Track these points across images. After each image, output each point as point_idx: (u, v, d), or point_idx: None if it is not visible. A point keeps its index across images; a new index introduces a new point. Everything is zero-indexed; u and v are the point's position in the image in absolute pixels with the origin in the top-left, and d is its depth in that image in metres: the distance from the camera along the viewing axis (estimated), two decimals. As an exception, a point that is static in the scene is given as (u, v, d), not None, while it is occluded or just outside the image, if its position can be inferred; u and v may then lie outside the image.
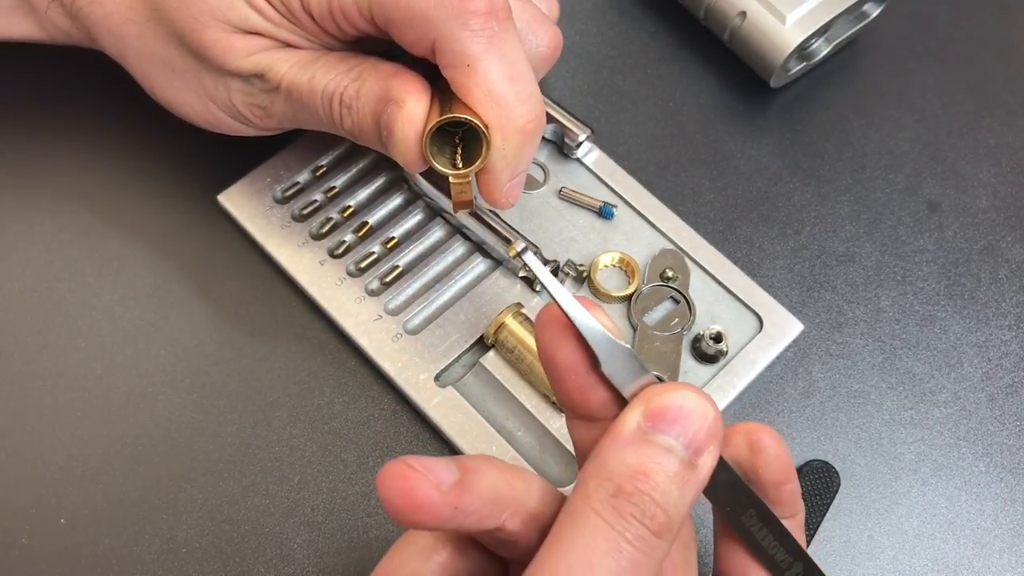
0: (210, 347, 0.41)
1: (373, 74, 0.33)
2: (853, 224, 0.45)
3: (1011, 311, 0.44)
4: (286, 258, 0.42)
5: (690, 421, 0.26)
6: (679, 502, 0.25)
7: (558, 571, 0.24)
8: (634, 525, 0.24)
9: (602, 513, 0.25)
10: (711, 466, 0.26)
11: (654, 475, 0.25)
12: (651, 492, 0.25)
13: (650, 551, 0.25)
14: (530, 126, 0.33)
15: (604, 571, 0.24)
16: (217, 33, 0.34)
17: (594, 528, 0.24)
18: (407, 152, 0.33)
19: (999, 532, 0.39)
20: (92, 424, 0.39)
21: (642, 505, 0.25)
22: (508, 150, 0.33)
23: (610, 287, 0.42)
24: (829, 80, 0.49)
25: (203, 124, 0.38)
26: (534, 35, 0.36)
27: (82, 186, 0.44)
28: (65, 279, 0.42)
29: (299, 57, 0.35)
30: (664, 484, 0.25)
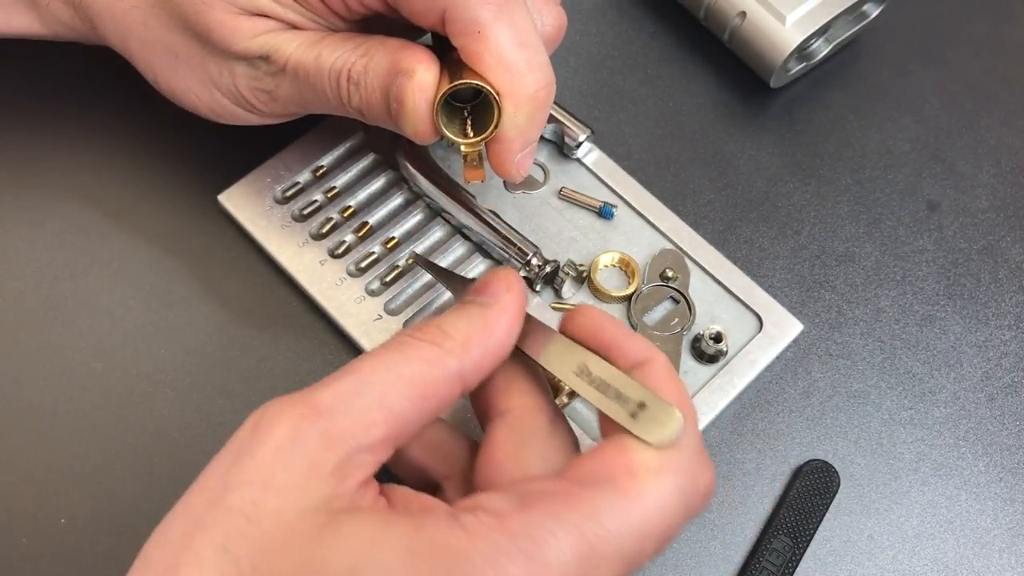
0: (210, 347, 0.41)
1: (381, 49, 0.33)
2: (853, 224, 0.45)
3: (1011, 311, 0.44)
4: (286, 258, 0.42)
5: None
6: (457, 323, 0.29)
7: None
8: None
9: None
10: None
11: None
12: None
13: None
14: (541, 93, 0.33)
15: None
16: (222, 15, 0.34)
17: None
18: (419, 121, 0.33)
19: (999, 532, 0.39)
20: (92, 424, 0.39)
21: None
22: (520, 118, 0.32)
23: (610, 287, 0.42)
24: (829, 80, 0.49)
25: (207, 113, 0.38)
26: (539, 15, 0.36)
27: (82, 186, 0.44)
28: (65, 279, 0.42)
29: (305, 37, 0.34)
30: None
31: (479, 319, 0.29)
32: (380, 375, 0.27)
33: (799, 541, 0.38)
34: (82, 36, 0.39)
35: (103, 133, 0.45)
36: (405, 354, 0.28)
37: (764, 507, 0.39)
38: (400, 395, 0.27)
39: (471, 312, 0.29)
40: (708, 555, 0.38)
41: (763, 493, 0.39)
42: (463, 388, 0.29)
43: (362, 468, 0.26)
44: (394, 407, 0.27)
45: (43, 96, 0.46)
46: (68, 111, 0.46)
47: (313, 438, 0.26)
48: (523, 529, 0.25)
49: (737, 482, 0.40)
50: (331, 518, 0.25)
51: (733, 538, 0.39)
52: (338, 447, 0.26)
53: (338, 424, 0.26)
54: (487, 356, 0.29)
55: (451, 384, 0.28)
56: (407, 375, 0.27)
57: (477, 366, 0.29)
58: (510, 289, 0.30)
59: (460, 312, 0.30)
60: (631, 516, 0.25)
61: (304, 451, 0.26)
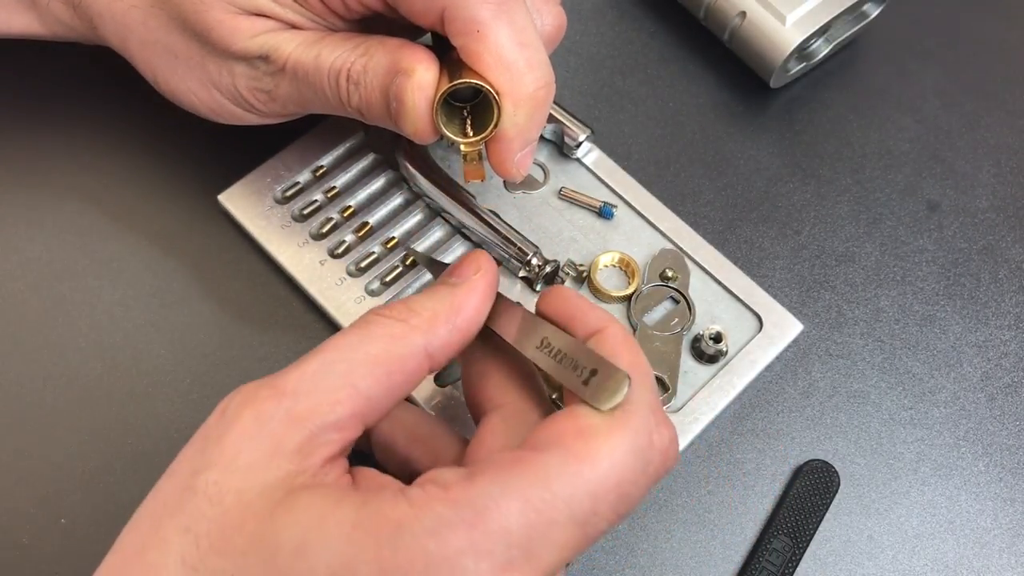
0: (210, 347, 0.41)
1: (380, 48, 0.33)
2: (853, 224, 0.45)
3: (1011, 311, 0.44)
4: (286, 258, 0.42)
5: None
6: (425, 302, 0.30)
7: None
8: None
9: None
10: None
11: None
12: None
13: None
14: (541, 92, 0.33)
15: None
16: (222, 14, 0.34)
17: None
18: (418, 120, 0.33)
19: (999, 532, 0.39)
20: (92, 424, 0.39)
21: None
22: (519, 117, 0.32)
23: (610, 287, 0.42)
24: (829, 80, 0.49)
25: (207, 113, 0.38)
26: (539, 14, 0.36)
27: (82, 186, 0.44)
28: (65, 279, 0.42)
29: (304, 37, 0.34)
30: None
31: (447, 297, 0.30)
32: (344, 354, 0.28)
33: (799, 541, 0.38)
34: (81, 36, 0.39)
35: (103, 133, 0.45)
36: (371, 332, 0.28)
37: (764, 507, 0.39)
38: (366, 373, 0.28)
39: (440, 291, 0.30)
40: (708, 555, 0.38)
41: (763, 493, 0.39)
42: (431, 365, 0.29)
43: (328, 445, 0.27)
44: (360, 385, 0.27)
45: (43, 96, 0.46)
46: (68, 111, 0.46)
47: (277, 418, 0.26)
48: (466, 499, 0.25)
49: (737, 482, 0.40)
50: (288, 494, 0.26)
51: (733, 538, 0.39)
52: (302, 426, 0.26)
53: (302, 404, 0.27)
54: (454, 333, 0.30)
55: (417, 360, 0.29)
56: (372, 352, 0.28)
57: (444, 343, 0.29)
58: (479, 269, 0.31)
59: (429, 291, 0.30)
60: (579, 477, 0.25)
61: (268, 432, 0.26)
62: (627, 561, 0.38)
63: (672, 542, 0.38)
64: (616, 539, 0.38)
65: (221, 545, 0.25)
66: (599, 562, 0.38)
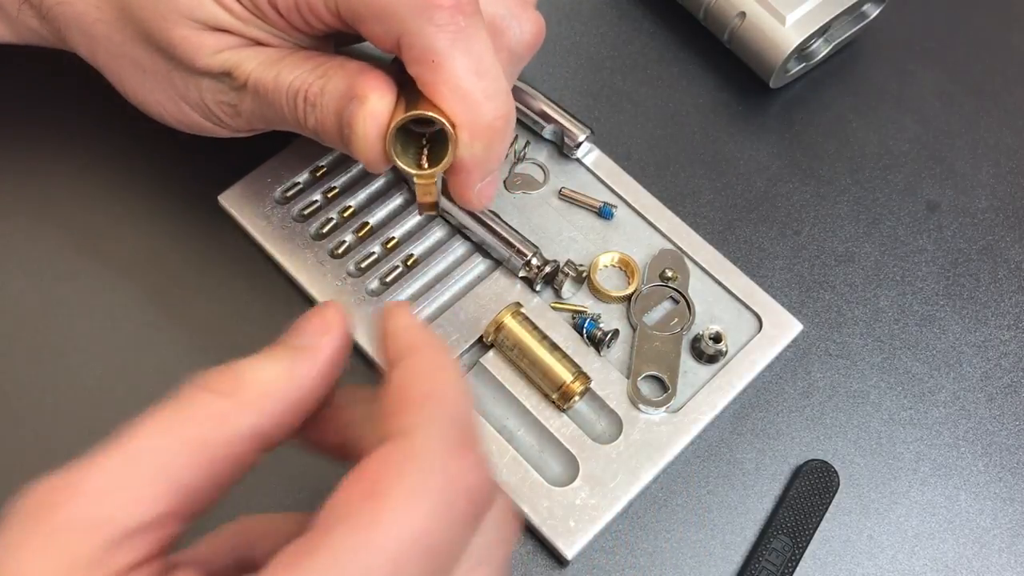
0: (210, 347, 0.41)
1: (339, 72, 0.33)
2: (853, 224, 0.45)
3: (1010, 311, 0.44)
4: (286, 258, 0.42)
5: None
6: None
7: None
8: None
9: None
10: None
11: None
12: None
13: None
14: (499, 123, 0.32)
15: None
16: (185, 31, 0.34)
17: None
18: (368, 150, 0.32)
19: (998, 532, 0.39)
20: (92, 424, 0.39)
21: None
22: (477, 148, 0.32)
23: (610, 287, 0.42)
24: (829, 80, 0.49)
25: (176, 125, 0.38)
26: (516, 20, 0.35)
27: (82, 186, 0.44)
28: (65, 279, 0.42)
29: (266, 55, 0.34)
30: None
31: (285, 366, 0.25)
32: (155, 442, 0.24)
33: (799, 541, 0.38)
34: (53, 44, 0.39)
35: (103, 134, 0.45)
36: (188, 413, 0.25)
37: (764, 507, 0.39)
38: (183, 463, 0.24)
39: (277, 356, 0.26)
40: (708, 555, 0.38)
41: (763, 493, 0.39)
42: (264, 446, 0.25)
43: (136, 549, 0.23)
44: (174, 477, 0.24)
45: (43, 96, 0.46)
46: (68, 112, 0.46)
47: (74, 527, 0.23)
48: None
49: (737, 482, 0.40)
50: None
51: (733, 538, 0.39)
52: (104, 532, 0.23)
53: (105, 507, 0.23)
54: (289, 410, 0.25)
55: (245, 444, 0.25)
56: (189, 438, 0.24)
57: (277, 422, 0.25)
58: (328, 331, 0.26)
59: (265, 355, 0.26)
60: (371, 549, 0.22)
61: (61, 544, 0.23)
62: (627, 561, 0.38)
63: (672, 542, 0.38)
64: (616, 539, 0.38)
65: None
66: (599, 562, 0.38)
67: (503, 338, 0.39)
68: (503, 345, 0.39)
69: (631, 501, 0.38)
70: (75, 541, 0.23)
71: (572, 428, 0.39)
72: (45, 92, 0.46)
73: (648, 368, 0.40)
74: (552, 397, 0.39)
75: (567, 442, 0.38)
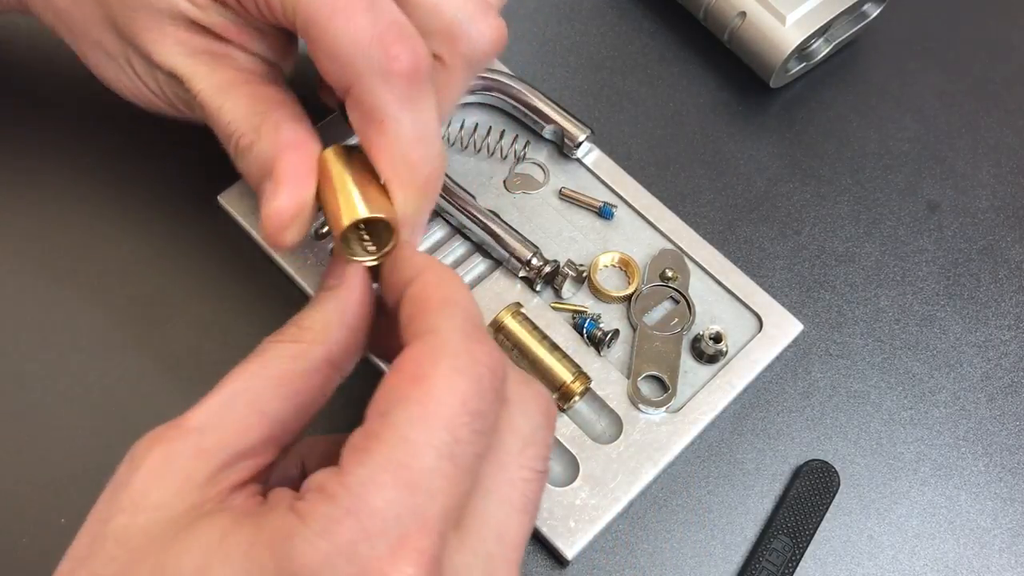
0: (210, 347, 0.41)
1: (271, 135, 0.33)
2: (853, 224, 0.45)
3: (1011, 311, 0.44)
4: (286, 258, 0.42)
5: None
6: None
7: None
8: None
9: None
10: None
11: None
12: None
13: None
14: (431, 184, 0.32)
15: None
16: (148, 21, 0.34)
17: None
18: (266, 238, 0.33)
19: (999, 532, 0.39)
20: (92, 424, 0.39)
21: None
22: (409, 207, 0.32)
23: (610, 287, 0.42)
24: (829, 80, 0.49)
25: (138, 103, 0.38)
26: (475, 26, 0.34)
27: (82, 186, 0.44)
28: (65, 279, 0.42)
29: (217, 79, 0.35)
30: None
31: (331, 302, 0.30)
32: (247, 383, 0.28)
33: (799, 541, 0.38)
34: (17, 11, 0.39)
35: (103, 134, 0.45)
36: (269, 357, 0.29)
37: (764, 507, 0.39)
38: (272, 396, 0.28)
39: (322, 299, 0.30)
40: (708, 555, 0.38)
41: (763, 493, 0.39)
42: (339, 373, 0.30)
43: (239, 472, 0.27)
44: (267, 409, 0.28)
45: (43, 97, 0.46)
46: (68, 111, 0.46)
47: (186, 455, 0.27)
48: (343, 491, 0.25)
49: (737, 482, 0.40)
50: (192, 521, 0.26)
51: (733, 538, 0.39)
52: (211, 458, 0.27)
53: (209, 438, 0.27)
54: (350, 334, 0.30)
55: (322, 373, 0.29)
56: (275, 376, 0.28)
57: (344, 347, 0.30)
58: (349, 264, 0.31)
59: (312, 304, 0.31)
60: (428, 417, 0.26)
61: (176, 469, 0.26)
62: (627, 561, 0.38)
63: (672, 542, 0.38)
64: (616, 539, 0.38)
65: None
66: (599, 562, 0.38)
67: (503, 338, 0.39)
68: (503, 345, 0.39)
69: (631, 501, 0.38)
70: (188, 465, 0.27)
71: (572, 428, 0.39)
72: (46, 92, 0.46)
73: (648, 368, 0.40)
74: (552, 397, 0.39)
75: (567, 442, 0.38)
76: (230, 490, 0.27)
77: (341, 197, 0.31)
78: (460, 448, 0.26)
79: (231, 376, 0.28)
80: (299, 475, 0.31)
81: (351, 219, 0.30)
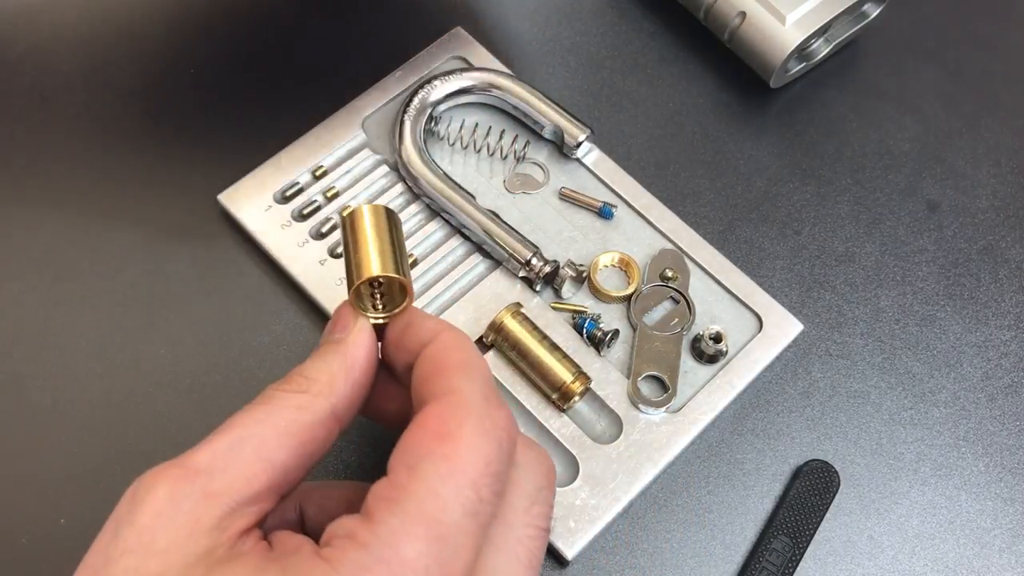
0: (210, 347, 0.41)
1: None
2: (853, 224, 0.45)
3: (1011, 311, 0.44)
4: (286, 257, 0.42)
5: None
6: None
7: None
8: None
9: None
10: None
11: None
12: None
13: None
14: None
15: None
16: None
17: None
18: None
19: (999, 532, 0.39)
20: (92, 424, 0.39)
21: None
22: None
23: (610, 287, 0.42)
24: (829, 80, 0.49)
25: None
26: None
27: (82, 186, 0.44)
28: (65, 279, 0.42)
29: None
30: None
31: (338, 355, 0.30)
32: (254, 429, 0.28)
33: (799, 541, 0.38)
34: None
35: (102, 133, 0.45)
36: (276, 405, 0.29)
37: (764, 507, 0.39)
38: (277, 445, 0.28)
39: (328, 352, 0.31)
40: (708, 555, 0.38)
41: (763, 493, 0.39)
42: (340, 426, 0.30)
43: (244, 517, 0.27)
44: (272, 458, 0.28)
45: (42, 97, 0.46)
46: (68, 111, 0.46)
47: (193, 498, 0.27)
48: (374, 539, 0.25)
49: (737, 482, 0.40)
50: (209, 568, 0.26)
51: (733, 538, 0.39)
52: (219, 503, 0.27)
53: (217, 481, 0.27)
54: (355, 389, 0.30)
55: (326, 425, 0.29)
56: (281, 425, 0.28)
57: (348, 401, 0.30)
58: (356, 318, 0.31)
59: (318, 355, 0.31)
60: (456, 475, 0.26)
61: (184, 511, 0.26)
62: (627, 561, 0.38)
63: (672, 542, 0.38)
64: (616, 539, 0.38)
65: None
66: (599, 562, 0.38)
67: (503, 338, 0.39)
68: (503, 345, 0.39)
69: (631, 501, 0.38)
70: (196, 508, 0.26)
71: (572, 428, 0.39)
72: (45, 92, 0.46)
73: (648, 368, 0.40)
74: (552, 397, 0.39)
75: (567, 442, 0.38)
76: (237, 536, 0.27)
77: (363, 252, 0.32)
78: (482, 507, 0.27)
79: (236, 420, 0.29)
80: (297, 519, 0.32)
81: (371, 274, 0.31)
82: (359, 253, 0.32)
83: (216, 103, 0.46)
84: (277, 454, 0.28)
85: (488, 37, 0.48)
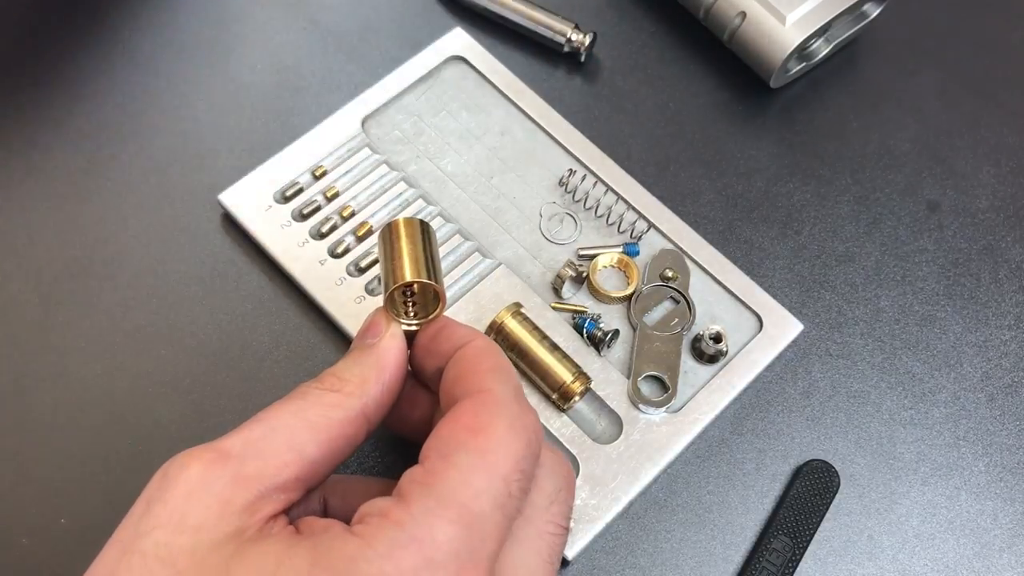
0: (210, 347, 0.41)
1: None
2: (853, 224, 0.45)
3: (1011, 311, 0.44)
4: (286, 258, 0.42)
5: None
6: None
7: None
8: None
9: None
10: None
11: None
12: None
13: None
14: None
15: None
16: None
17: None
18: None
19: (999, 532, 0.39)
20: (92, 424, 0.39)
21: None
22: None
23: (609, 287, 0.42)
24: (829, 80, 0.49)
25: None
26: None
27: (82, 185, 0.44)
28: (65, 279, 0.42)
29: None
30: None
31: (370, 358, 0.31)
32: (287, 421, 0.29)
33: (799, 541, 0.38)
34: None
35: (102, 133, 0.45)
36: (309, 401, 0.30)
37: (764, 507, 0.39)
38: (308, 439, 0.29)
39: (361, 355, 0.32)
40: (708, 555, 0.38)
41: (763, 493, 0.39)
42: (369, 426, 0.31)
43: (273, 503, 0.28)
44: (303, 450, 0.29)
45: (42, 97, 0.46)
46: (68, 111, 0.46)
47: (224, 480, 0.27)
48: (409, 519, 0.26)
49: (737, 482, 0.40)
50: (239, 547, 0.26)
51: (733, 538, 0.39)
52: (250, 487, 0.27)
53: (248, 466, 0.28)
54: (385, 392, 0.31)
55: (356, 424, 0.30)
56: (313, 419, 0.29)
57: (378, 403, 0.31)
58: (389, 324, 0.32)
59: (351, 357, 0.32)
60: (488, 468, 0.27)
61: (215, 492, 0.27)
62: (627, 561, 0.38)
63: (672, 542, 0.38)
64: (616, 539, 0.38)
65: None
66: (599, 562, 0.38)
67: (503, 338, 0.39)
68: (503, 345, 0.39)
69: (631, 501, 0.38)
70: (228, 490, 0.27)
71: (572, 428, 0.39)
72: (46, 92, 0.46)
73: (648, 368, 0.40)
74: (552, 397, 0.39)
75: (567, 442, 0.38)
76: (266, 520, 0.28)
77: (399, 260, 0.32)
78: (510, 501, 0.27)
79: (270, 412, 0.29)
80: (321, 509, 0.32)
81: (405, 279, 0.32)
82: (395, 261, 0.33)
83: (216, 103, 0.46)
84: (307, 447, 0.29)
85: (488, 37, 0.48)
